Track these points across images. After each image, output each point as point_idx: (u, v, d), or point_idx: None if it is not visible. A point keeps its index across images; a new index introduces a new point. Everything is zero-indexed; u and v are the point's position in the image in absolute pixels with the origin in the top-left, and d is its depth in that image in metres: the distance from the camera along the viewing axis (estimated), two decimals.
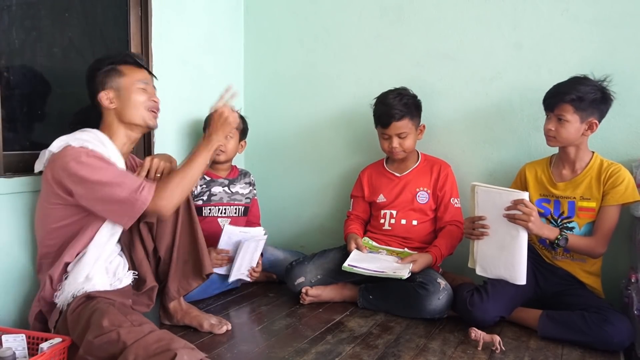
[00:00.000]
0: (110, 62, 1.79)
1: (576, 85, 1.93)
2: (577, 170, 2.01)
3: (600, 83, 1.95)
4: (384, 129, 2.30)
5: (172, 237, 1.86)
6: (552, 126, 1.97)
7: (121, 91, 1.77)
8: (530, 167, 2.14)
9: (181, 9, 2.48)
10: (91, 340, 1.44)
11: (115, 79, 1.77)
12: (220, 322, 1.91)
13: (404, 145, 2.29)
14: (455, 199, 2.32)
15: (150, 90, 1.83)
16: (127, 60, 1.81)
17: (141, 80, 1.81)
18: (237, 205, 2.43)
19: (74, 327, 1.55)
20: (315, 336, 1.88)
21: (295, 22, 2.79)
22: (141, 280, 1.83)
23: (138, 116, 1.79)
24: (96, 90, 1.77)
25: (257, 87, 2.93)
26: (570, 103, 1.91)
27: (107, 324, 1.46)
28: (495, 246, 1.91)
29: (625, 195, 1.91)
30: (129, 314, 1.53)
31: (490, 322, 1.93)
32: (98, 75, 1.77)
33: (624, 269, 2.04)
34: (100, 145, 1.70)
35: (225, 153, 2.40)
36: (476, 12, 2.37)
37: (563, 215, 2.01)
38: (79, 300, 1.61)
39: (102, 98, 1.76)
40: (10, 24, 1.88)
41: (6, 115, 1.83)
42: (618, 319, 1.77)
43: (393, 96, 2.27)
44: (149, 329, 1.46)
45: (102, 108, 1.79)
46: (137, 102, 1.79)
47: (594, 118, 1.93)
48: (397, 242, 2.32)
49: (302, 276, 2.25)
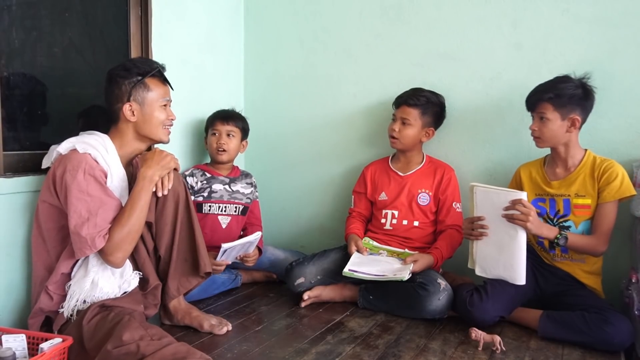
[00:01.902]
0: (139, 72, 1.77)
1: (554, 84, 1.97)
2: (570, 168, 2.02)
3: (581, 80, 1.97)
4: (396, 109, 2.38)
5: (171, 236, 1.86)
6: (535, 126, 2.01)
7: (145, 106, 1.78)
8: (525, 168, 2.15)
9: (181, 8, 2.47)
10: (110, 350, 1.46)
11: (141, 93, 1.77)
12: (220, 322, 1.91)
13: (402, 132, 2.32)
14: (457, 203, 2.33)
15: (169, 108, 1.85)
16: (155, 74, 1.80)
17: (164, 98, 1.82)
18: (237, 204, 2.43)
19: (91, 337, 1.56)
20: (315, 336, 1.88)
21: (295, 22, 2.79)
22: (144, 279, 1.83)
23: (155, 133, 1.81)
24: (119, 99, 1.76)
25: (257, 87, 2.93)
26: (548, 101, 1.95)
27: (128, 337, 1.48)
28: (495, 246, 1.91)
29: (621, 191, 1.91)
30: (149, 328, 1.55)
31: (489, 322, 1.93)
32: (124, 84, 1.75)
33: (625, 269, 2.04)
34: (104, 151, 1.70)
35: (228, 152, 2.40)
36: (476, 12, 2.37)
37: (559, 214, 2.01)
38: (94, 310, 1.62)
39: (125, 110, 1.75)
40: (10, 24, 1.88)
41: (6, 115, 1.83)
42: (618, 319, 1.77)
43: (421, 89, 2.37)
44: (167, 342, 1.48)
45: (120, 118, 1.78)
46: (158, 120, 1.80)
47: (575, 114, 1.94)
48: (397, 242, 2.32)
49: (301, 277, 2.24)
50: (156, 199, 1.81)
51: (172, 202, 1.84)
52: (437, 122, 2.39)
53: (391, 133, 2.36)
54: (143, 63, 1.81)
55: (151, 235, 1.86)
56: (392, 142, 2.38)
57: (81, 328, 1.58)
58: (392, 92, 2.44)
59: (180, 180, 1.89)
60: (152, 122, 1.79)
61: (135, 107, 1.76)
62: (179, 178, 1.88)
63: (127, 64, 1.80)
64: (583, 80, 1.98)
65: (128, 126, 1.79)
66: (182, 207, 1.86)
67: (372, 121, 2.63)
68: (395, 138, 2.35)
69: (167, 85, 1.86)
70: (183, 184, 1.89)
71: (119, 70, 1.77)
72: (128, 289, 1.75)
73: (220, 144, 2.39)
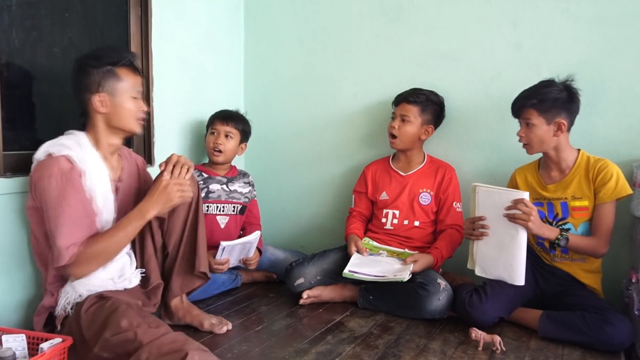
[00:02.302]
0: (109, 62, 1.69)
1: (537, 89, 1.98)
2: (564, 170, 2.01)
3: (564, 83, 1.97)
4: (395, 107, 2.38)
5: (180, 234, 1.87)
6: (522, 132, 2.02)
7: (115, 97, 1.70)
8: (520, 172, 2.15)
9: (181, 8, 2.47)
10: (108, 338, 1.47)
11: (112, 83, 1.69)
12: (220, 322, 1.91)
13: (402, 129, 2.33)
14: (457, 203, 2.33)
15: (140, 99, 1.78)
16: (126, 63, 1.72)
17: (136, 89, 1.75)
18: (235, 204, 2.43)
19: (89, 326, 1.56)
20: (315, 336, 1.88)
21: (295, 22, 2.79)
22: (146, 277, 1.83)
23: (127, 125, 1.74)
24: (88, 89, 1.68)
25: (257, 87, 2.93)
26: (532, 107, 1.95)
27: (126, 324, 1.48)
28: (495, 246, 1.91)
29: (617, 191, 1.91)
30: (146, 317, 1.55)
31: (488, 323, 1.93)
32: (93, 73, 1.68)
33: (625, 269, 2.04)
34: (78, 150, 1.64)
35: (224, 154, 2.39)
36: (476, 12, 2.37)
37: (558, 217, 2.01)
38: (91, 300, 1.62)
39: (95, 101, 1.68)
40: (10, 24, 1.87)
41: (6, 115, 1.83)
42: (618, 319, 1.77)
43: (420, 89, 2.38)
44: (165, 331, 1.48)
45: (90, 110, 1.71)
46: (130, 111, 1.73)
47: (560, 118, 1.94)
48: (398, 242, 2.32)
49: (301, 277, 2.24)
50: None
51: (187, 202, 1.84)
52: (437, 120, 2.39)
53: (391, 131, 2.36)
54: (113, 52, 1.73)
55: (161, 232, 1.86)
56: (392, 143, 2.37)
57: (80, 318, 1.58)
58: (392, 92, 2.44)
59: (195, 181, 1.89)
60: (124, 114, 1.72)
61: (106, 98, 1.69)
62: (193, 177, 1.88)
63: (97, 52, 1.71)
64: (567, 83, 1.98)
65: (99, 118, 1.71)
66: (194, 208, 1.87)
67: (372, 121, 2.63)
68: (394, 137, 2.35)
69: (138, 75, 1.77)
70: (197, 184, 1.90)
71: (88, 59, 1.69)
72: (129, 286, 1.75)
73: (216, 144, 2.38)
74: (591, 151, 2.04)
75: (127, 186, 1.82)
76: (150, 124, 2.34)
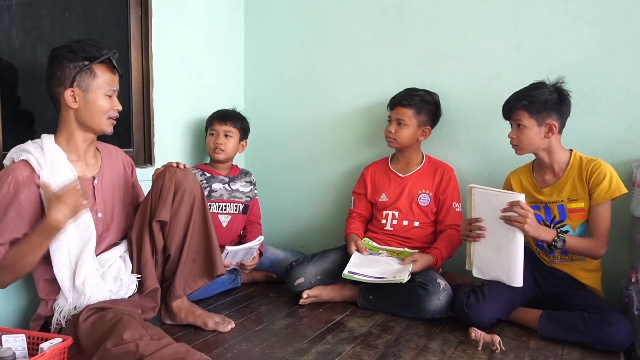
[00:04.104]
0: (86, 57, 1.64)
1: (528, 91, 1.98)
2: (558, 173, 2.01)
3: (555, 85, 1.98)
4: (390, 110, 2.39)
5: (183, 235, 1.85)
6: (512, 134, 2.02)
7: (89, 93, 1.65)
8: (514, 176, 2.14)
9: (181, 8, 2.48)
10: (109, 349, 1.45)
11: (86, 80, 1.64)
12: (223, 320, 1.92)
13: (398, 132, 2.33)
14: (456, 203, 2.33)
15: (115, 97, 1.73)
16: (105, 61, 1.67)
17: (111, 87, 1.70)
18: (237, 203, 2.43)
19: (87, 336, 1.55)
20: (315, 336, 1.88)
21: (295, 22, 2.79)
22: (142, 282, 1.81)
23: (97, 122, 1.69)
24: (61, 83, 1.64)
25: (257, 87, 2.93)
26: (523, 108, 1.96)
27: (129, 336, 1.46)
28: (492, 248, 1.91)
29: (611, 191, 1.90)
30: (149, 328, 1.53)
31: (486, 324, 1.93)
32: (68, 68, 1.63)
33: (624, 269, 2.04)
34: (38, 154, 1.61)
35: (225, 152, 2.41)
36: (476, 12, 2.37)
37: (555, 220, 2.01)
38: (90, 310, 1.61)
39: (67, 95, 1.63)
40: (10, 24, 1.88)
41: (6, 115, 1.83)
42: (618, 319, 1.77)
43: (414, 89, 2.37)
44: (166, 343, 1.47)
45: (60, 103, 1.66)
46: (101, 109, 1.68)
47: (551, 120, 1.94)
48: (397, 242, 2.32)
49: (301, 277, 2.25)
50: (172, 198, 1.80)
51: (188, 203, 1.83)
52: (433, 120, 2.39)
53: (387, 135, 2.37)
54: (92, 47, 1.66)
55: (162, 235, 1.84)
56: (389, 142, 2.38)
57: (77, 327, 1.58)
58: (392, 92, 2.43)
59: (197, 181, 1.89)
60: (95, 110, 1.67)
61: (78, 93, 1.64)
62: (196, 179, 1.88)
63: (73, 45, 1.65)
64: (557, 85, 1.98)
65: (69, 113, 1.67)
66: (197, 209, 1.86)
67: (372, 121, 2.63)
68: (392, 139, 2.36)
69: (116, 73, 1.72)
70: (199, 185, 1.89)
71: (64, 52, 1.64)
72: (126, 296, 1.73)
73: (217, 144, 2.39)
74: (591, 151, 2.04)
75: (107, 183, 1.80)
76: (150, 124, 2.35)
